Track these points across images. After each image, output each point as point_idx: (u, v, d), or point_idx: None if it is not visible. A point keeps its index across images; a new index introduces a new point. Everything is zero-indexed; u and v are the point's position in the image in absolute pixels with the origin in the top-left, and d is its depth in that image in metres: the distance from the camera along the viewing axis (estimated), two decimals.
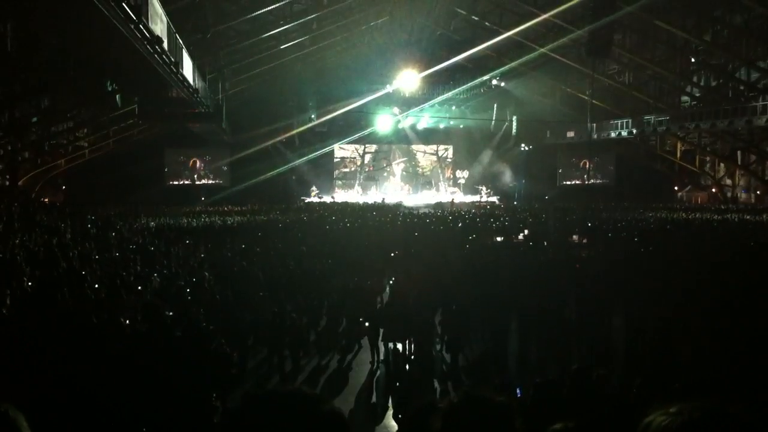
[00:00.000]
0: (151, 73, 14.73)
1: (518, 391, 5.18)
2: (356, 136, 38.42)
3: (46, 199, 28.90)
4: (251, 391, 1.28)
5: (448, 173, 42.51)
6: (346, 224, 21.00)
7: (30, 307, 6.61)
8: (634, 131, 31.64)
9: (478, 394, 1.67)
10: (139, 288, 8.86)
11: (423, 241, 17.01)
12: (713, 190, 37.53)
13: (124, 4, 10.01)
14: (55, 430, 3.54)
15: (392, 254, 15.20)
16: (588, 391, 4.06)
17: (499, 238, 18.49)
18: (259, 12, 23.14)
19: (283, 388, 1.26)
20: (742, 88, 28.80)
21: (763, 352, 5.73)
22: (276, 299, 10.43)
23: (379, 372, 8.92)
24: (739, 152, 34.81)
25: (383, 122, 37.96)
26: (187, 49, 17.69)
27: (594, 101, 31.64)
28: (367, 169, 41.71)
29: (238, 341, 7.83)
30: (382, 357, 9.10)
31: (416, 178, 41.97)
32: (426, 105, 37.65)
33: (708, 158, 37.14)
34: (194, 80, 19.17)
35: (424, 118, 39.14)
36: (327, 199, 36.81)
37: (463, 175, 42.03)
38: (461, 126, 40.65)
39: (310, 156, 37.15)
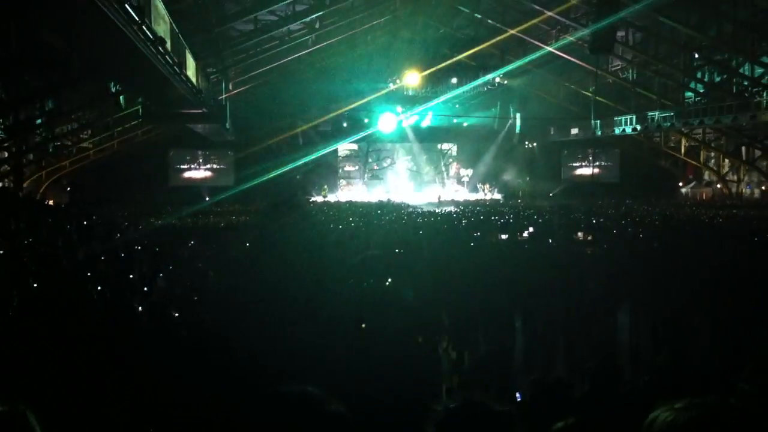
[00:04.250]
0: (154, 74, 14.76)
1: (518, 395, 5.15)
2: (360, 135, 38.37)
3: (51, 201, 28.93)
4: (255, 391, 1.27)
5: (453, 171, 42.48)
6: (350, 223, 20.94)
7: (36, 308, 6.63)
8: (638, 128, 31.48)
9: (478, 399, 1.62)
10: (145, 288, 8.86)
11: (427, 238, 16.92)
12: (718, 186, 37.39)
13: (127, 5, 10.04)
14: (65, 429, 3.56)
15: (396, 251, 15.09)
16: (592, 390, 4.06)
17: (503, 236, 18.40)
18: (261, 12, 23.18)
19: (287, 387, 1.25)
20: (746, 83, 28.69)
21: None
22: (282, 300, 10.40)
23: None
24: (743, 148, 34.68)
25: (386, 121, 37.80)
26: (190, 49, 17.71)
27: (598, 98, 31.53)
28: (372, 168, 41.69)
29: (244, 342, 7.82)
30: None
31: (420, 176, 41.96)
32: (430, 104, 37.61)
33: (712, 154, 37.02)
34: (197, 81, 19.20)
35: (428, 117, 39.13)
36: (331, 198, 36.78)
37: (467, 173, 41.96)
38: (465, 124, 40.67)
39: (314, 155, 37.04)
